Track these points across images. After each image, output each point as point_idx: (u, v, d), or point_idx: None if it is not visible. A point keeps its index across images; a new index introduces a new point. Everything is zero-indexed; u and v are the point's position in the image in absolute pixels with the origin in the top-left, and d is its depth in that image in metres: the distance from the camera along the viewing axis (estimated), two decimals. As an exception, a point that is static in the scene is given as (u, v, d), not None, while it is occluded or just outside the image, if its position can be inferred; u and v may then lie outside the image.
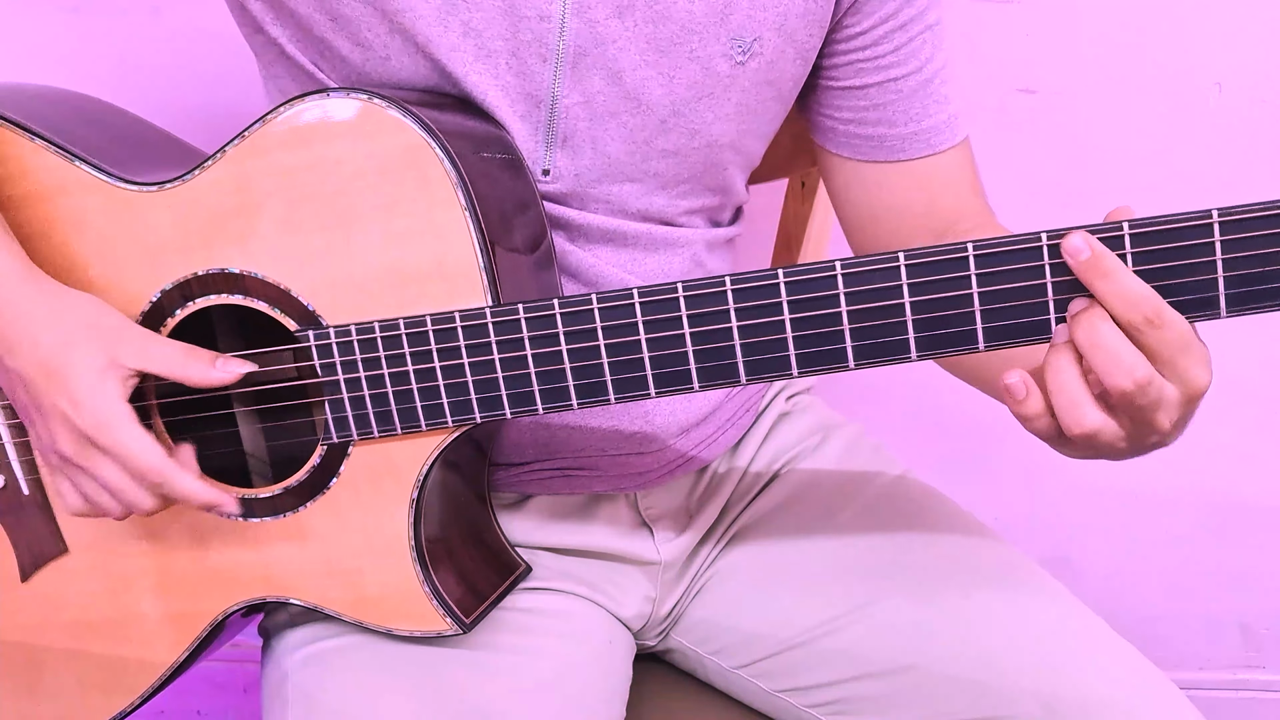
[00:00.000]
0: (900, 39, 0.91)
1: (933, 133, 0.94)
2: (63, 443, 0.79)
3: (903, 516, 0.98)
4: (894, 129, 0.93)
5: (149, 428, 0.82)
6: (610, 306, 0.74)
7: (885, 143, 0.94)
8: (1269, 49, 1.29)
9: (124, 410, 0.78)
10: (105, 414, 0.77)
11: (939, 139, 0.94)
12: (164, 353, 0.80)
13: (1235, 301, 0.68)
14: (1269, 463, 1.48)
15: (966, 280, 0.69)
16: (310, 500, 0.84)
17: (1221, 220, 0.66)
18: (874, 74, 0.92)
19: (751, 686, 0.97)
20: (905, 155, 0.94)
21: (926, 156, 0.94)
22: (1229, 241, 0.66)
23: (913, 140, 0.94)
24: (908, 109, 0.93)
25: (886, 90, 0.92)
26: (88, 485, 0.81)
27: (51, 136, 0.83)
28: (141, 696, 0.91)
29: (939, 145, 0.94)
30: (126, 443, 0.78)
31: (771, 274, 0.71)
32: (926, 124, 0.93)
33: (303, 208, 0.78)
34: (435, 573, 0.83)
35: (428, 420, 0.79)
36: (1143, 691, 0.86)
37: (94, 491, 0.81)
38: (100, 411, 0.77)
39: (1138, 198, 1.38)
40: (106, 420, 0.77)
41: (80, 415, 0.77)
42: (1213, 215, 0.66)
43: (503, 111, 0.84)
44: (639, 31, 0.83)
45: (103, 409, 0.77)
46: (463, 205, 0.76)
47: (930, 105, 0.93)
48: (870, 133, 0.94)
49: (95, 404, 0.77)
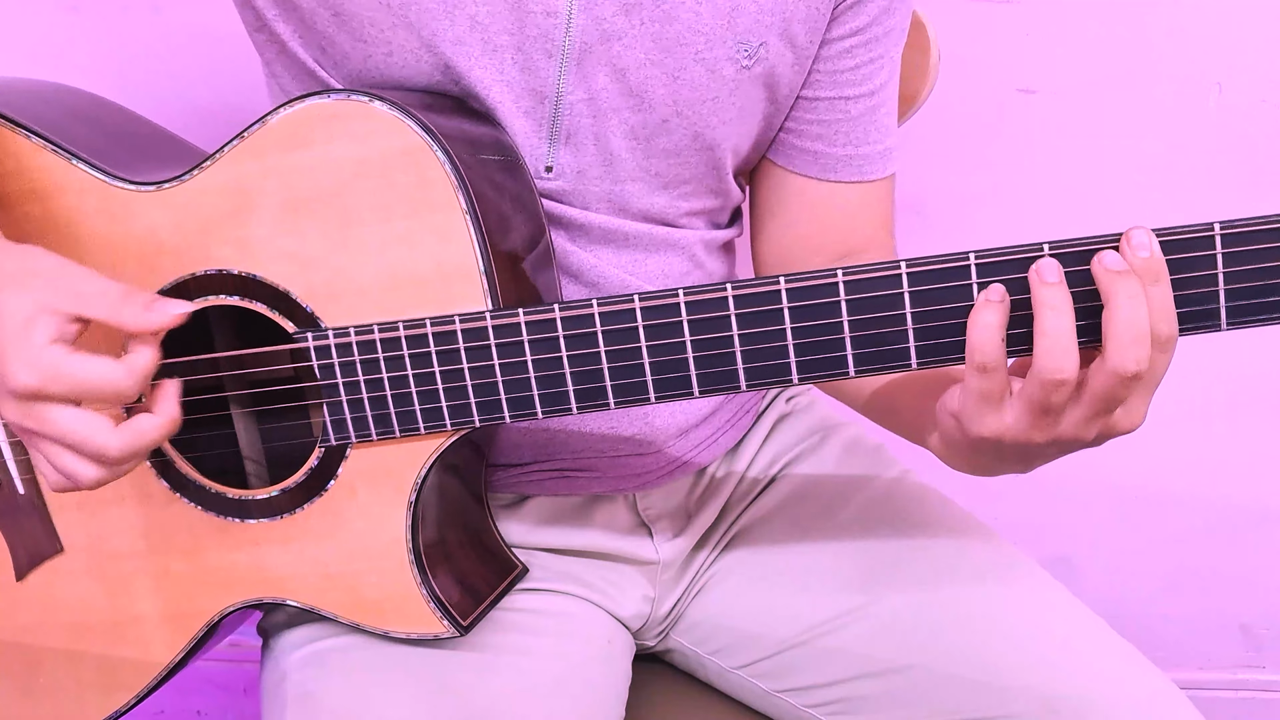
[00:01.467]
0: (862, 56, 0.92)
1: (865, 160, 0.95)
2: (9, 412, 0.72)
3: (902, 517, 0.98)
4: (831, 148, 0.94)
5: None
6: (611, 311, 0.74)
7: (819, 159, 0.95)
8: (1269, 49, 1.29)
9: (57, 350, 0.71)
10: (41, 362, 0.70)
11: (871, 168, 0.96)
12: (98, 291, 0.72)
13: (1236, 314, 0.67)
14: (1269, 463, 1.48)
15: (968, 289, 0.69)
16: (307, 502, 0.83)
17: (1224, 233, 0.66)
18: (828, 88, 0.92)
19: (751, 686, 0.97)
20: (834, 177, 0.95)
21: (855, 182, 0.95)
22: (1231, 255, 0.66)
23: (846, 163, 0.95)
24: (849, 131, 0.94)
25: (835, 108, 0.93)
26: (50, 450, 0.73)
27: (50, 135, 0.83)
28: (138, 695, 0.91)
29: (869, 174, 0.96)
30: (77, 373, 0.71)
31: (773, 281, 0.71)
32: (863, 150, 0.95)
33: (302, 209, 0.78)
34: (433, 575, 0.83)
35: (426, 423, 0.79)
36: (1143, 691, 0.86)
37: (56, 455, 0.73)
38: (37, 361, 0.70)
39: (1137, 198, 1.39)
40: (44, 367, 0.70)
41: (16, 375, 0.70)
42: (1215, 228, 0.66)
43: (506, 108, 0.84)
44: (645, 30, 0.83)
45: (38, 358, 0.70)
46: (463, 208, 0.76)
47: (871, 133, 0.95)
48: (808, 147, 0.95)
49: (27, 356, 0.70)
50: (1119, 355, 0.65)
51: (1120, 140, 1.34)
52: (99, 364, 0.71)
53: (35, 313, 0.71)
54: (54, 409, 0.71)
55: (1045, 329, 0.67)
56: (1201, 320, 0.68)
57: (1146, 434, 1.41)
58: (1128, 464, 1.48)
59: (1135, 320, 0.65)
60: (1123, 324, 0.65)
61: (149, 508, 0.87)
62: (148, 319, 0.72)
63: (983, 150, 1.36)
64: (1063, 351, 0.66)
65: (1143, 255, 0.66)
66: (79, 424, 0.72)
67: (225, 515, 0.85)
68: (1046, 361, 0.67)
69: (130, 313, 0.72)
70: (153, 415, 0.74)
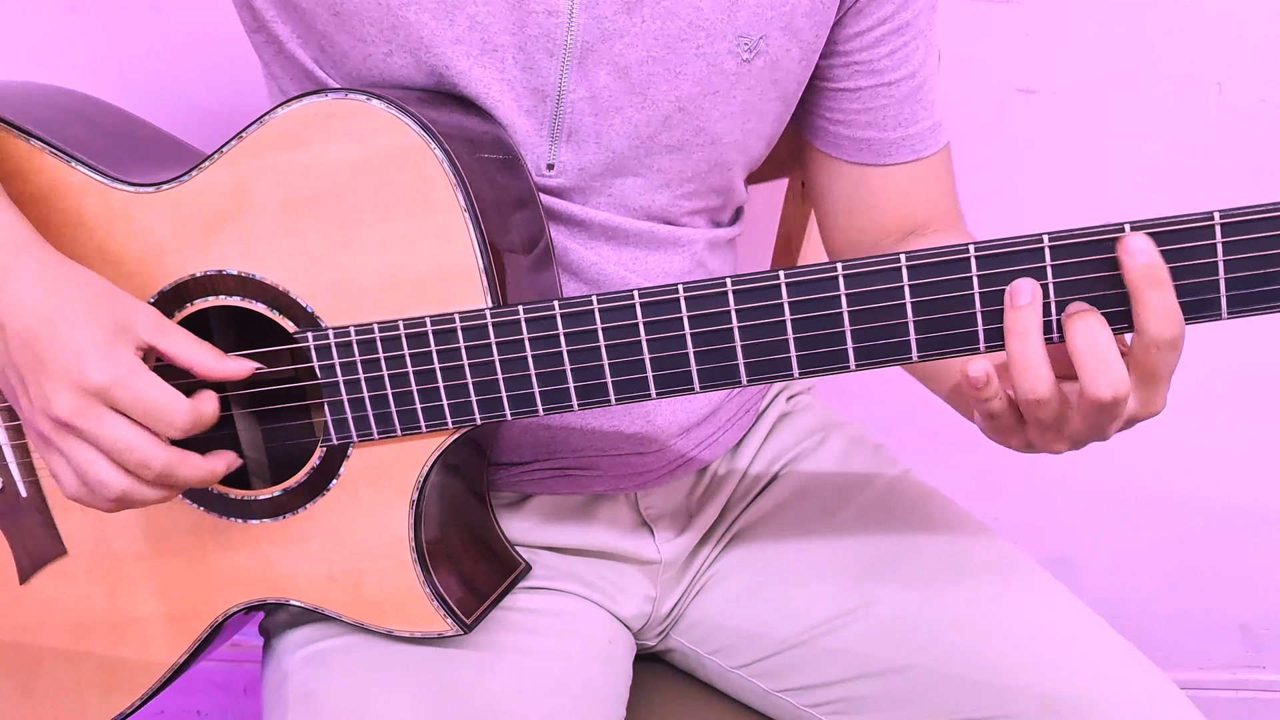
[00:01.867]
0: (896, 42, 0.91)
1: (919, 139, 0.95)
2: (61, 402, 0.74)
3: (903, 517, 0.98)
4: (883, 133, 0.94)
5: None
6: (611, 308, 0.74)
7: (873, 146, 0.95)
8: (1269, 49, 1.29)
9: (138, 363, 0.75)
10: (122, 368, 0.74)
11: (924, 145, 0.95)
12: (178, 335, 0.78)
13: (1237, 303, 0.68)
14: (1269, 463, 1.48)
15: (968, 281, 0.69)
16: (310, 502, 0.83)
17: (1223, 222, 0.66)
18: (868, 77, 0.92)
19: (751, 686, 0.97)
20: (891, 160, 0.95)
21: (909, 162, 0.96)
22: (1231, 243, 0.66)
23: (899, 145, 0.95)
24: (898, 114, 0.94)
25: (879, 94, 0.93)
26: (84, 454, 0.75)
27: (49, 138, 0.83)
28: (141, 697, 0.91)
29: (923, 151, 0.95)
30: (149, 391, 0.74)
31: (773, 275, 0.71)
32: (914, 130, 0.94)
33: (301, 209, 0.78)
34: (436, 574, 0.83)
35: (427, 422, 0.79)
36: (1143, 691, 0.86)
37: (89, 461, 0.75)
38: (117, 366, 0.74)
39: (1138, 197, 1.39)
40: (123, 373, 0.74)
41: (90, 370, 0.73)
42: (1214, 217, 0.66)
43: (506, 107, 0.84)
44: (646, 27, 0.83)
45: (119, 363, 0.74)
46: (462, 206, 0.76)
47: (919, 111, 0.94)
48: (859, 135, 0.95)
49: (110, 358, 0.74)
50: (1092, 388, 0.68)
51: (1120, 140, 1.34)
52: (168, 391, 0.75)
53: (121, 329, 0.75)
54: (110, 413, 0.74)
55: (1013, 354, 0.69)
56: (1202, 310, 0.68)
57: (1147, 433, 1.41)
58: (1128, 464, 1.48)
59: (1098, 349, 0.68)
60: (1084, 355, 0.68)
61: (151, 509, 0.87)
62: (225, 366, 0.78)
63: (983, 150, 1.36)
64: (1033, 374, 0.68)
65: (1142, 261, 0.66)
66: (131, 434, 0.75)
67: (227, 516, 0.85)
68: (1020, 384, 0.69)
69: (208, 358, 0.78)
70: (202, 459, 0.78)
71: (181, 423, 0.75)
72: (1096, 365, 0.67)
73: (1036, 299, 0.68)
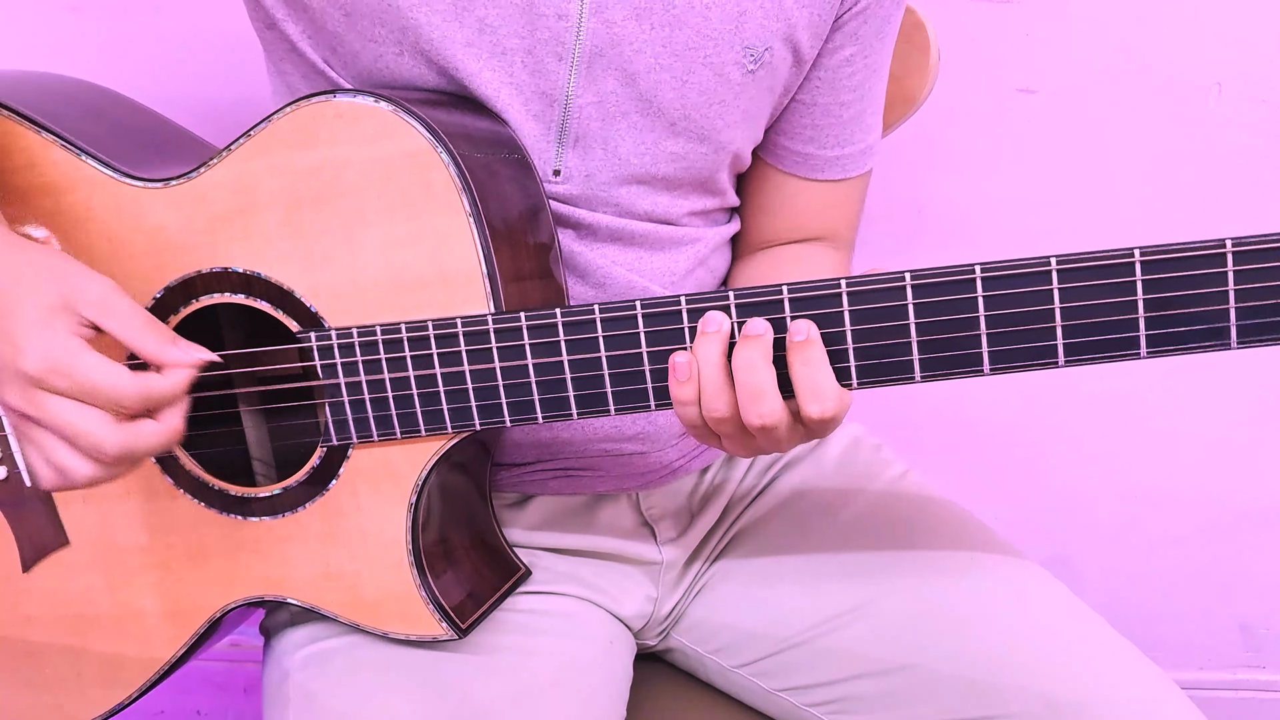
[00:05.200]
0: (860, 64, 0.94)
1: (850, 160, 0.98)
2: (9, 394, 0.73)
3: (903, 516, 0.98)
4: (822, 150, 0.96)
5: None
6: (613, 317, 0.74)
7: (809, 160, 0.97)
8: (1269, 49, 1.29)
9: (76, 343, 0.72)
10: (55, 351, 0.71)
11: (853, 165, 0.98)
12: (126, 311, 0.74)
13: (1246, 333, 0.67)
14: (1268, 463, 1.48)
15: (973, 303, 0.69)
16: (309, 501, 0.84)
17: (1235, 250, 0.65)
18: (826, 93, 0.94)
19: (751, 685, 0.97)
20: (822, 176, 0.98)
21: (836, 180, 0.98)
22: (1242, 272, 0.65)
23: (833, 164, 0.97)
24: (840, 134, 0.96)
25: (829, 112, 0.95)
26: (45, 441, 0.73)
27: (60, 131, 0.83)
28: (139, 690, 0.91)
29: (851, 171, 0.98)
30: (87, 373, 0.71)
31: (775, 290, 0.72)
32: (849, 150, 0.97)
33: (307, 209, 0.78)
34: (433, 577, 0.83)
35: (427, 425, 0.79)
36: (1143, 691, 0.86)
37: (51, 449, 0.73)
38: (50, 350, 0.71)
39: (1137, 198, 1.38)
40: (57, 357, 0.71)
41: (25, 358, 0.71)
42: (1226, 245, 0.65)
43: (514, 111, 0.84)
44: (655, 35, 0.83)
45: (52, 347, 0.71)
46: (467, 211, 0.76)
47: (857, 132, 0.97)
48: (799, 149, 0.97)
49: (42, 343, 0.71)
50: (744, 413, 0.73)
51: (1120, 140, 1.34)
52: (110, 368, 0.72)
53: (59, 307, 0.72)
54: (55, 398, 0.72)
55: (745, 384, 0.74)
56: (1211, 339, 0.67)
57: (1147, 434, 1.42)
58: (1128, 464, 1.48)
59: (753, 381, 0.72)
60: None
61: (153, 503, 0.87)
62: (170, 353, 0.74)
63: (983, 150, 1.36)
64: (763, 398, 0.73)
65: (797, 339, 0.71)
66: (77, 416, 0.72)
67: (228, 512, 0.86)
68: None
69: (154, 341, 0.73)
70: (155, 422, 0.74)
71: (129, 399, 0.72)
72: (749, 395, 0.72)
73: (723, 328, 0.72)
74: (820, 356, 0.72)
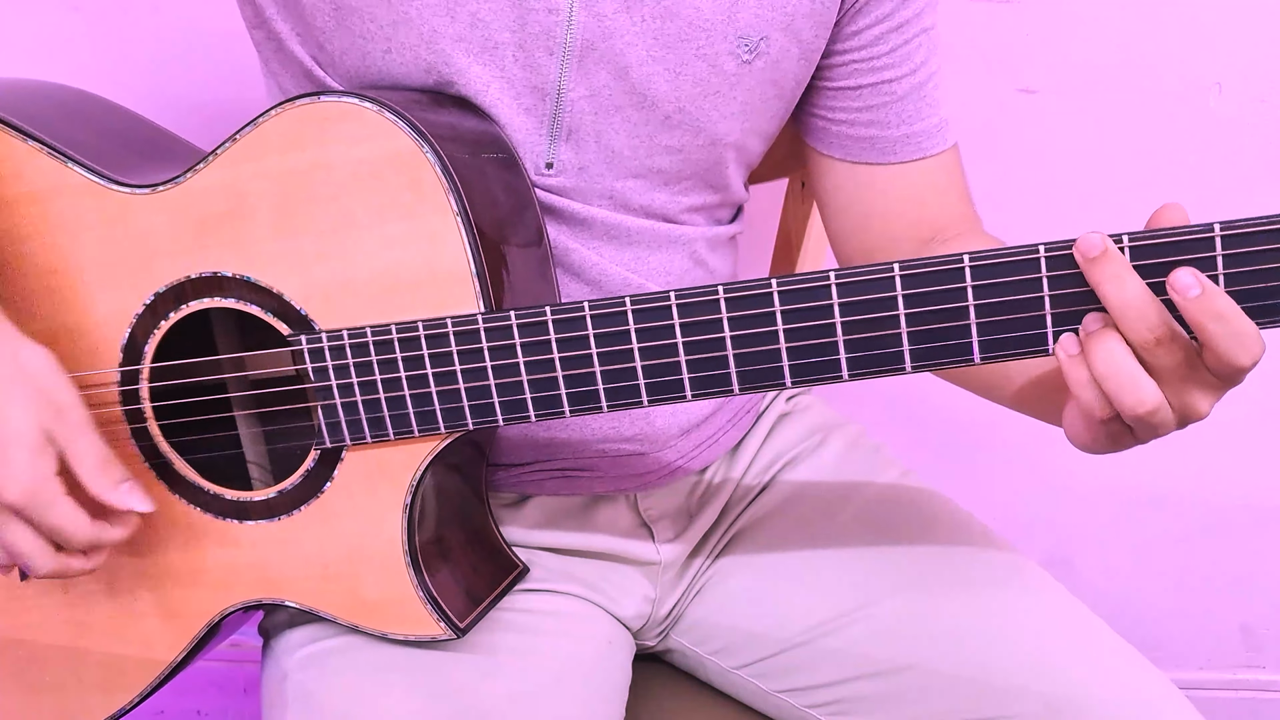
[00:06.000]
0: (896, 40, 0.91)
1: (924, 136, 0.94)
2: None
3: (903, 517, 0.98)
4: (886, 130, 0.94)
5: (144, 429, 0.82)
6: (603, 314, 0.74)
7: (876, 144, 0.94)
8: (1269, 49, 1.29)
9: (55, 487, 0.76)
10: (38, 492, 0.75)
11: (929, 143, 0.95)
12: (87, 450, 0.78)
13: None
14: (1269, 463, 1.48)
15: (963, 292, 0.69)
16: (304, 504, 0.83)
17: (1224, 234, 0.65)
18: (869, 75, 0.92)
19: (751, 686, 0.97)
20: (896, 158, 0.95)
21: (916, 160, 0.95)
22: (1231, 256, 0.65)
23: (904, 143, 0.94)
24: (900, 111, 0.93)
25: (880, 92, 0.93)
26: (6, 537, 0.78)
27: (45, 138, 0.83)
28: (140, 695, 0.91)
29: (929, 149, 0.95)
30: (57, 517, 0.76)
31: (765, 283, 0.71)
32: (918, 127, 0.94)
33: (295, 211, 0.78)
34: (430, 577, 0.83)
35: (420, 426, 0.79)
36: (1143, 691, 0.86)
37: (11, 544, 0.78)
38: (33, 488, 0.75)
39: (1138, 197, 1.38)
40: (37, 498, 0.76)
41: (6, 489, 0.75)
42: (1215, 229, 0.65)
43: (505, 106, 0.84)
44: (646, 27, 0.83)
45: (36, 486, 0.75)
46: (455, 211, 0.76)
47: (923, 108, 0.94)
48: (862, 134, 0.94)
49: (27, 479, 0.75)
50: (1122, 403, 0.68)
51: (1120, 140, 1.34)
52: (77, 516, 0.77)
53: (44, 442, 0.76)
54: (17, 525, 0.77)
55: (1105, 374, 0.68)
56: None
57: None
58: (1128, 464, 1.47)
59: (1122, 365, 0.67)
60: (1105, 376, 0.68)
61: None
62: (113, 497, 0.78)
63: (982, 150, 1.36)
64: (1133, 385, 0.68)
65: (1194, 295, 0.65)
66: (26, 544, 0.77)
67: (224, 517, 0.86)
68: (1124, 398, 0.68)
69: (101, 484, 0.78)
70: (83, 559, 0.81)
71: (79, 543, 0.78)
72: (1119, 384, 0.67)
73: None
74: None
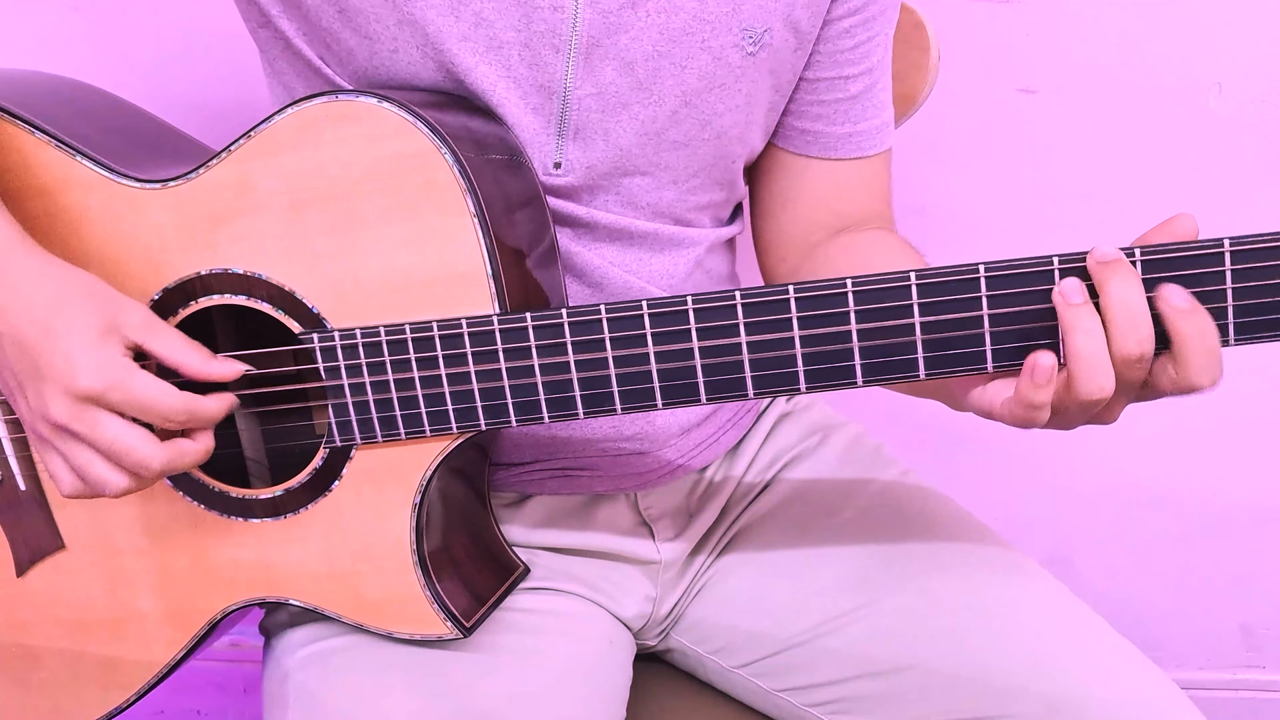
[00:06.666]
0: (861, 35, 0.93)
1: (865, 136, 0.96)
2: (57, 408, 0.75)
3: (903, 517, 0.98)
4: (831, 127, 0.95)
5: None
6: (619, 318, 0.74)
7: (820, 139, 0.96)
8: (1269, 49, 1.29)
9: (128, 363, 0.75)
10: (111, 369, 0.74)
11: (869, 144, 0.97)
12: (167, 334, 0.78)
13: (1243, 331, 0.68)
14: (1269, 463, 1.48)
15: (978, 302, 0.70)
16: (311, 502, 0.83)
17: (1233, 249, 0.66)
18: (829, 69, 0.93)
19: (751, 686, 0.97)
20: (836, 155, 0.97)
21: (853, 159, 0.97)
22: (1239, 271, 0.66)
23: (845, 141, 0.96)
24: (849, 110, 0.95)
25: (835, 88, 0.94)
26: (82, 456, 0.76)
27: (54, 131, 0.83)
28: (137, 693, 0.91)
29: (868, 150, 0.97)
30: (142, 390, 0.75)
31: (782, 289, 0.72)
32: (861, 127, 0.96)
33: (309, 210, 0.78)
34: (436, 577, 0.83)
35: (432, 426, 0.79)
36: (1143, 691, 0.86)
37: (88, 463, 0.76)
38: (106, 368, 0.74)
39: (1138, 198, 1.38)
40: (114, 375, 0.74)
41: (79, 375, 0.73)
42: (1224, 244, 0.66)
43: (512, 105, 0.84)
44: (651, 21, 0.83)
45: (107, 365, 0.74)
46: (471, 212, 0.76)
47: (869, 109, 0.96)
48: (808, 127, 0.96)
49: (97, 362, 0.74)
50: (1083, 385, 0.69)
51: (1120, 140, 1.34)
52: (162, 387, 0.75)
53: (109, 329, 0.75)
54: (106, 416, 0.75)
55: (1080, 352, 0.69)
56: None
57: (1147, 433, 1.41)
58: (1128, 464, 1.48)
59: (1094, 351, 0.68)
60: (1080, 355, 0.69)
61: (151, 505, 0.87)
62: (214, 369, 0.78)
63: (983, 150, 1.36)
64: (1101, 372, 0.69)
65: (1185, 308, 0.67)
66: (129, 436, 0.75)
67: (228, 514, 0.85)
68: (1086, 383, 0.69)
69: (197, 359, 0.78)
70: (192, 442, 0.79)
71: (177, 416, 0.76)
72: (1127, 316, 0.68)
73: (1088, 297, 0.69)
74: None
